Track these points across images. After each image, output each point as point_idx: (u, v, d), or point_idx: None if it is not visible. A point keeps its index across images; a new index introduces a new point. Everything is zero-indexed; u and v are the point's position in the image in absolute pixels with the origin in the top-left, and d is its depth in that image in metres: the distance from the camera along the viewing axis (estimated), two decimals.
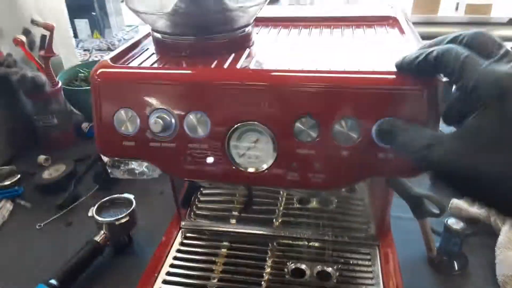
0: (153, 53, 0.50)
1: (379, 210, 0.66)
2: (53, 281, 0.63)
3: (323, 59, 0.48)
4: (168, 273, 0.62)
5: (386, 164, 0.42)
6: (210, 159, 0.44)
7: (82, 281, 0.67)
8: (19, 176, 0.94)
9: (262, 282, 0.60)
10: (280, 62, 0.48)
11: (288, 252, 0.65)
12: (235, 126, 0.43)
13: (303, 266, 0.63)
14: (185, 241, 0.68)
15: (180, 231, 0.70)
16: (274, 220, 0.70)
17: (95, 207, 0.75)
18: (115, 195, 0.78)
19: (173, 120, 0.43)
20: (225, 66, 0.46)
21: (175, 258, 0.65)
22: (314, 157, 0.43)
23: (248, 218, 0.70)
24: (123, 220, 0.73)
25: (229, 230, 0.69)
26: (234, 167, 0.44)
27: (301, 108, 0.42)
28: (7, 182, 0.92)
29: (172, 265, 0.63)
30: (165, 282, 0.60)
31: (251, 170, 0.45)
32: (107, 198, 0.77)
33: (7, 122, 1.02)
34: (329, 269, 0.62)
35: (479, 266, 0.68)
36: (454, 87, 0.35)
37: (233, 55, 0.48)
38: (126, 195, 0.78)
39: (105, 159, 0.94)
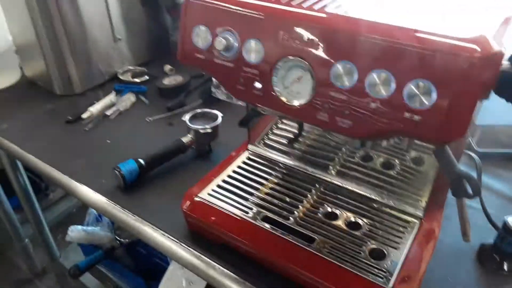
0: None
1: (437, 186, 0.65)
2: (141, 160, 0.80)
3: (407, 17, 0.48)
4: (223, 181, 0.72)
5: (412, 125, 0.43)
6: (258, 84, 0.51)
7: (164, 168, 0.84)
8: (147, 77, 1.14)
9: (295, 212, 0.66)
10: (357, 10, 0.49)
11: (330, 197, 0.69)
12: (283, 59, 0.48)
13: (338, 212, 0.66)
14: (247, 160, 0.77)
15: (247, 152, 0.79)
16: (330, 167, 0.74)
17: (189, 114, 0.89)
18: (207, 109, 0.90)
19: (235, 44, 0.50)
20: (293, 2, 0.50)
21: (234, 171, 0.75)
22: (345, 102, 0.45)
23: (308, 158, 0.75)
24: (207, 131, 0.86)
25: (286, 163, 0.76)
26: (275, 96, 0.50)
27: (342, 53, 0.44)
28: (136, 80, 1.13)
29: (229, 176, 0.74)
30: (218, 186, 0.71)
31: (288, 101, 0.50)
32: (200, 110, 0.90)
33: (149, 32, 1.22)
34: (361, 222, 0.65)
35: None
36: None
37: None
38: (216, 111, 0.90)
39: (214, 80, 1.07)
